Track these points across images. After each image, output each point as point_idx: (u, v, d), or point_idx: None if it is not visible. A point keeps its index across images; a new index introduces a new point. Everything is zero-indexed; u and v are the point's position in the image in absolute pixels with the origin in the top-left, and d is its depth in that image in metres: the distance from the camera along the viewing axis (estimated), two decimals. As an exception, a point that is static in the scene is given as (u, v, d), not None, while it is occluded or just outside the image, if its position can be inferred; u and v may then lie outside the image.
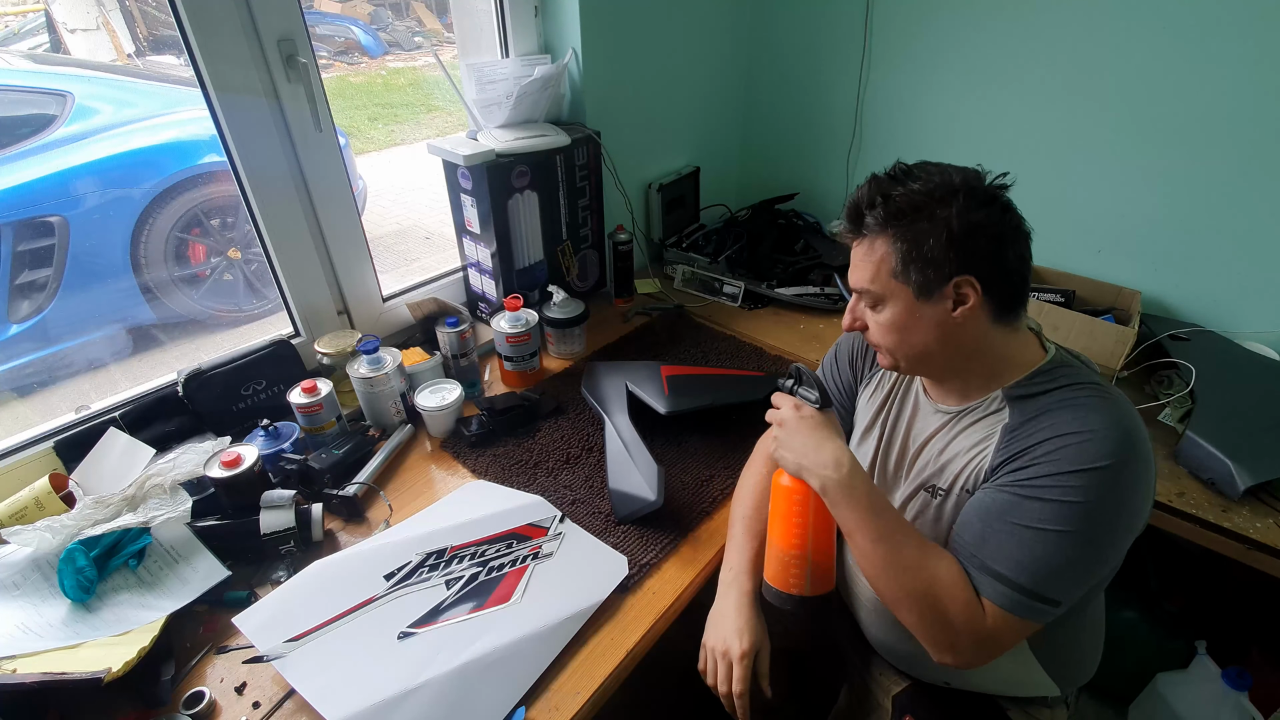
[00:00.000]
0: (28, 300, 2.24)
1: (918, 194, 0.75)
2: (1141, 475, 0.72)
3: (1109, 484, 0.69)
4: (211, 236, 2.62)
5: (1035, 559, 0.71)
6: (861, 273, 0.81)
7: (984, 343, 0.80)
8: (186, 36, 1.05)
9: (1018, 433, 0.76)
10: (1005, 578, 0.72)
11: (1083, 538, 0.70)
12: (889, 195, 0.77)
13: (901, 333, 0.80)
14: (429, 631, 0.86)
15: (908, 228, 0.76)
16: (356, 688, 0.79)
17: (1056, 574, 0.71)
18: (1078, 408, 0.74)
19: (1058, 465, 0.71)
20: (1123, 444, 0.70)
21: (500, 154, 1.36)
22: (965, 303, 0.76)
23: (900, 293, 0.78)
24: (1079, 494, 0.69)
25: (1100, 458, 0.69)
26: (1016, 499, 0.72)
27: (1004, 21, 1.52)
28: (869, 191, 0.79)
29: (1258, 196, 1.35)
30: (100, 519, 0.94)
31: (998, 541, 0.73)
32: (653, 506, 1.03)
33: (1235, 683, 1.27)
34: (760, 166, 2.12)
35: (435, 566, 0.96)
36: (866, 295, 0.82)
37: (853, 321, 0.86)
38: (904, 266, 0.77)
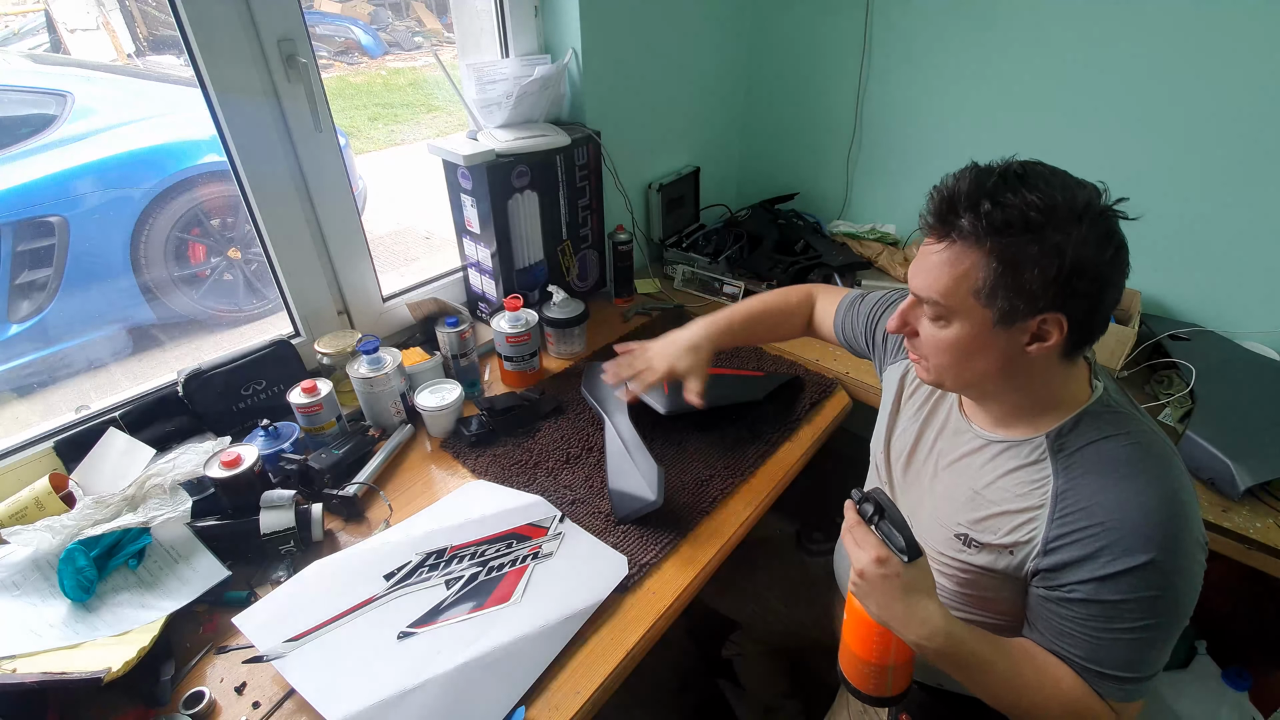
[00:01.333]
0: (28, 300, 2.24)
1: (1035, 207, 0.64)
2: (1194, 528, 0.70)
3: (1178, 558, 0.68)
4: (211, 236, 2.62)
5: (1146, 652, 0.70)
6: (933, 280, 0.70)
7: (1043, 377, 0.74)
8: (186, 36, 1.05)
9: (1068, 503, 0.72)
10: (1128, 679, 0.71)
11: (1174, 615, 0.69)
12: (998, 200, 0.65)
13: (962, 357, 0.72)
14: (429, 631, 0.86)
15: (1011, 246, 0.65)
16: (356, 687, 0.79)
17: (1162, 651, 0.71)
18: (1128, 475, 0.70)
19: (1130, 556, 0.67)
20: (1178, 510, 0.68)
21: (500, 154, 1.36)
22: (1045, 340, 0.69)
23: (976, 315, 0.69)
24: (1158, 583, 0.67)
25: (1164, 539, 0.67)
26: (1109, 606, 0.69)
27: (1004, 21, 1.52)
28: (971, 187, 0.67)
29: (1258, 196, 1.35)
30: (100, 519, 0.94)
31: (1109, 650, 0.70)
32: (653, 506, 1.03)
33: (1235, 683, 1.27)
34: (760, 166, 2.12)
35: (435, 566, 0.96)
36: (932, 306, 0.72)
37: (902, 325, 0.77)
38: (991, 289, 0.67)
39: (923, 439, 0.90)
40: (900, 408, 0.94)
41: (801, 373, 1.42)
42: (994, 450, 0.80)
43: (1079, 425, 0.74)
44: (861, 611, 0.74)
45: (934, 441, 0.89)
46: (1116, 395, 0.79)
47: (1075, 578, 0.71)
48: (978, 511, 0.80)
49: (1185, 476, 0.71)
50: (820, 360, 1.45)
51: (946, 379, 0.77)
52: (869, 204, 1.92)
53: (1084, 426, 0.74)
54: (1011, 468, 0.78)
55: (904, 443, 0.93)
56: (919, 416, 0.92)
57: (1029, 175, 0.67)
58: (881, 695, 0.79)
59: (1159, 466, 0.70)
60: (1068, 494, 0.72)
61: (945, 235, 0.69)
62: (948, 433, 0.87)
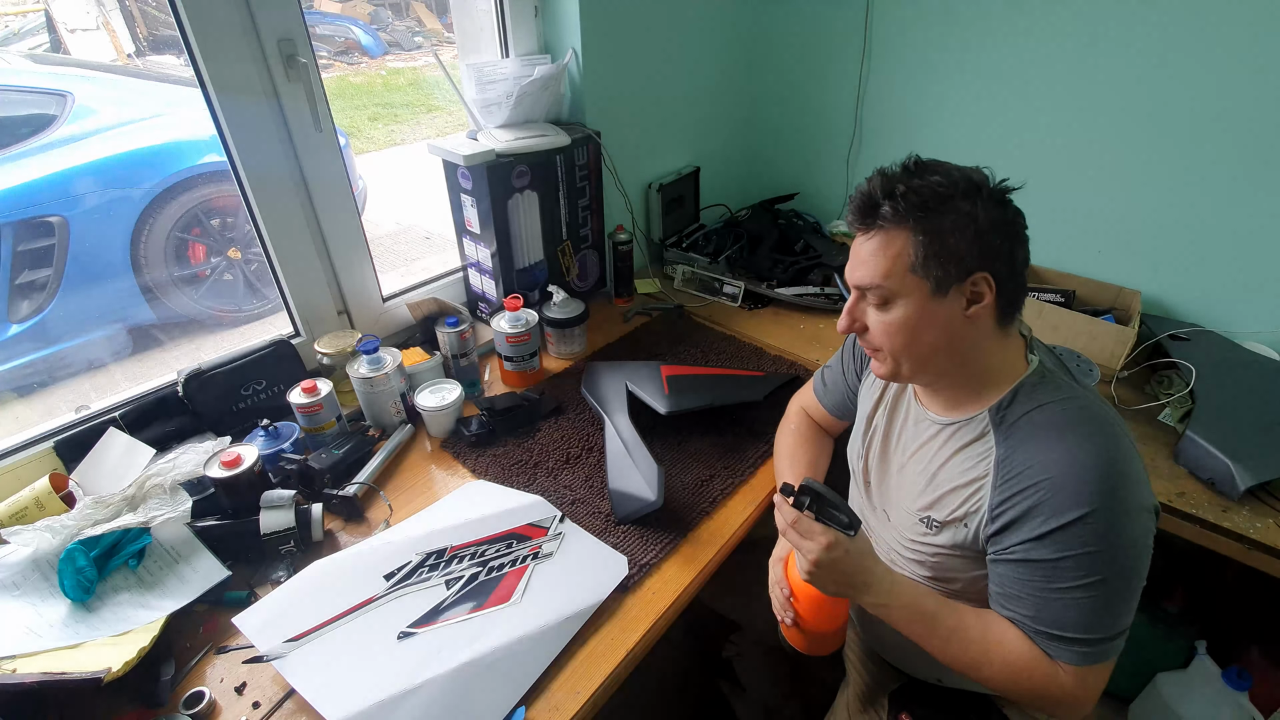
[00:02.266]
0: (28, 300, 2.24)
1: (940, 185, 0.73)
2: (1135, 488, 0.72)
3: (1114, 514, 0.70)
4: (211, 236, 2.62)
5: (1096, 613, 0.72)
6: (872, 268, 0.77)
7: (982, 347, 0.79)
8: (186, 36, 1.05)
9: (1009, 468, 0.76)
10: (1079, 640, 0.73)
11: (1117, 572, 0.71)
12: (909, 186, 0.74)
13: (912, 332, 0.77)
14: (429, 631, 0.86)
15: (930, 220, 0.73)
16: (356, 688, 0.79)
17: (1113, 613, 0.72)
18: (1062, 435, 0.73)
19: (1064, 513, 0.71)
20: (1111, 467, 0.70)
21: (500, 154, 1.36)
22: (980, 300, 0.75)
23: (915, 289, 0.75)
24: (1094, 540, 0.70)
25: (1099, 494, 0.70)
26: (1048, 565, 0.72)
27: (1004, 21, 1.52)
28: (883, 183, 0.76)
29: (1258, 196, 1.35)
30: (100, 519, 0.94)
31: (1055, 611, 0.73)
32: (653, 506, 1.03)
33: (1235, 683, 1.27)
34: (760, 166, 2.12)
35: (435, 566, 0.96)
36: (875, 292, 0.78)
37: (851, 323, 0.82)
38: (923, 261, 0.74)
39: (890, 435, 0.94)
40: (875, 412, 0.97)
41: (801, 373, 1.42)
42: (947, 433, 0.84)
43: (1017, 396, 0.79)
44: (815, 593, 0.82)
45: (899, 435, 0.93)
46: (1051, 365, 0.83)
47: (1015, 539, 0.75)
48: (935, 492, 0.84)
49: (1124, 439, 0.73)
50: (820, 360, 1.45)
51: (903, 364, 0.81)
52: (869, 204, 1.92)
53: (1021, 397, 0.79)
54: (960, 445, 0.82)
55: (877, 443, 0.96)
56: (885, 416, 0.96)
57: (926, 165, 0.77)
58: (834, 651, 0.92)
59: (1093, 426, 0.73)
60: (1007, 460, 0.76)
61: (872, 225, 0.77)
62: (909, 424, 0.91)
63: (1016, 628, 0.77)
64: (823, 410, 1.14)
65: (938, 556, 0.85)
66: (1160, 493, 1.12)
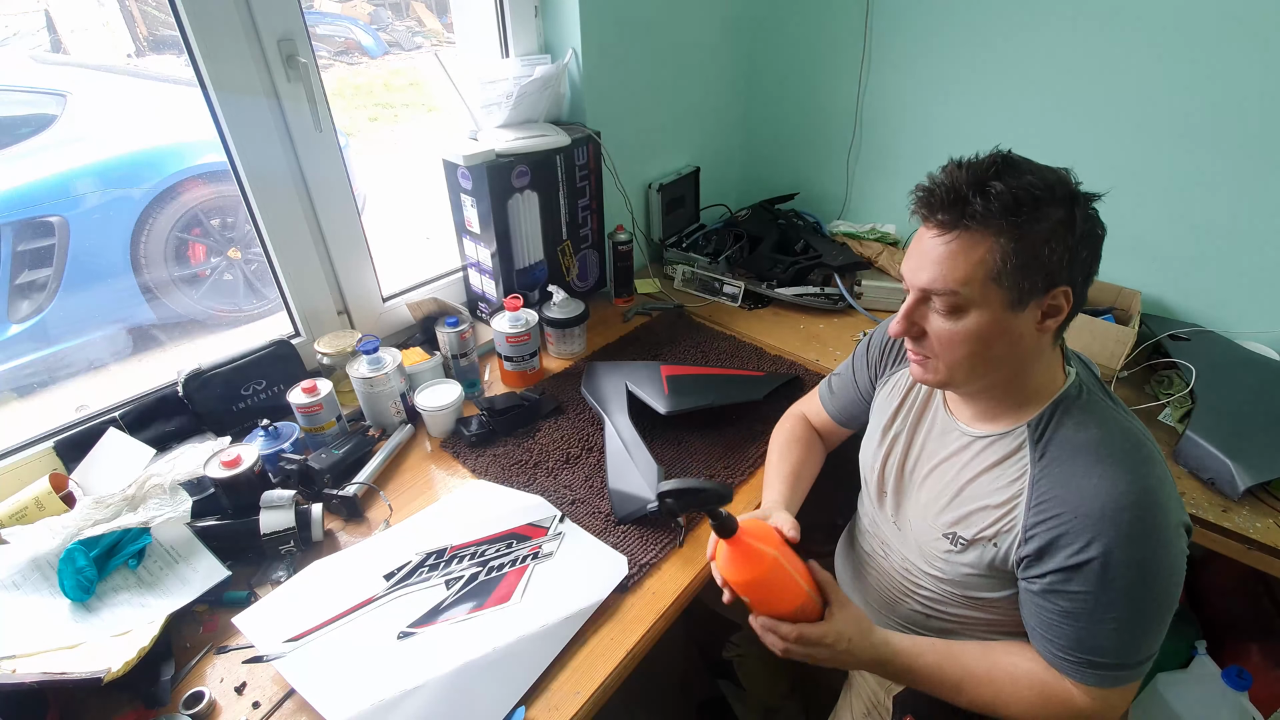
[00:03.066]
0: (28, 300, 2.23)
1: (1036, 186, 0.67)
2: (1167, 515, 0.70)
3: (1144, 546, 0.69)
4: (211, 236, 2.62)
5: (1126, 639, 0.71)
6: (945, 271, 0.69)
7: (1040, 360, 0.76)
8: (186, 36, 1.05)
9: (1043, 491, 0.73)
10: (1105, 664, 0.72)
11: (1150, 601, 0.70)
12: (1004, 185, 0.66)
13: (981, 344, 0.71)
14: (428, 631, 0.86)
15: (1023, 224, 0.66)
16: (356, 688, 0.79)
17: (1146, 638, 0.72)
18: (1100, 460, 0.71)
19: (1099, 545, 0.69)
20: (1146, 496, 0.69)
21: (500, 154, 1.36)
22: (1057, 315, 0.71)
23: (992, 300, 0.69)
24: (1125, 573, 0.69)
25: (1128, 528, 0.68)
26: (1083, 597, 0.71)
27: (1004, 22, 1.52)
28: (968, 176, 0.68)
29: (1258, 196, 1.35)
30: (100, 519, 0.94)
31: (1085, 640, 0.72)
32: (653, 506, 1.03)
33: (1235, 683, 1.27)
34: (760, 166, 2.12)
35: (435, 566, 0.96)
36: (946, 299, 0.71)
37: (908, 328, 0.75)
38: (1009, 270, 0.67)
39: (913, 444, 0.91)
40: (895, 419, 0.94)
41: (801, 373, 1.42)
42: (978, 446, 0.81)
43: (1055, 413, 0.76)
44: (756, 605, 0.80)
45: (923, 444, 0.89)
46: (1090, 382, 0.79)
47: (1048, 567, 0.73)
48: (963, 508, 0.81)
49: (1158, 463, 0.72)
50: (820, 360, 1.45)
51: (959, 374, 0.76)
52: (869, 204, 1.92)
53: (1060, 414, 0.75)
54: (993, 461, 0.79)
55: (898, 452, 0.93)
56: (908, 423, 0.92)
57: (1016, 161, 0.70)
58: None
59: (1129, 453, 0.71)
60: (1042, 481, 0.74)
61: (956, 223, 0.69)
62: (935, 433, 0.88)
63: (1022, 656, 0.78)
64: (826, 417, 1.12)
65: (961, 576, 0.83)
66: (1160, 493, 1.12)
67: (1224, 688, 1.27)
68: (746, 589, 0.78)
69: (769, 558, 0.77)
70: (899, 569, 0.94)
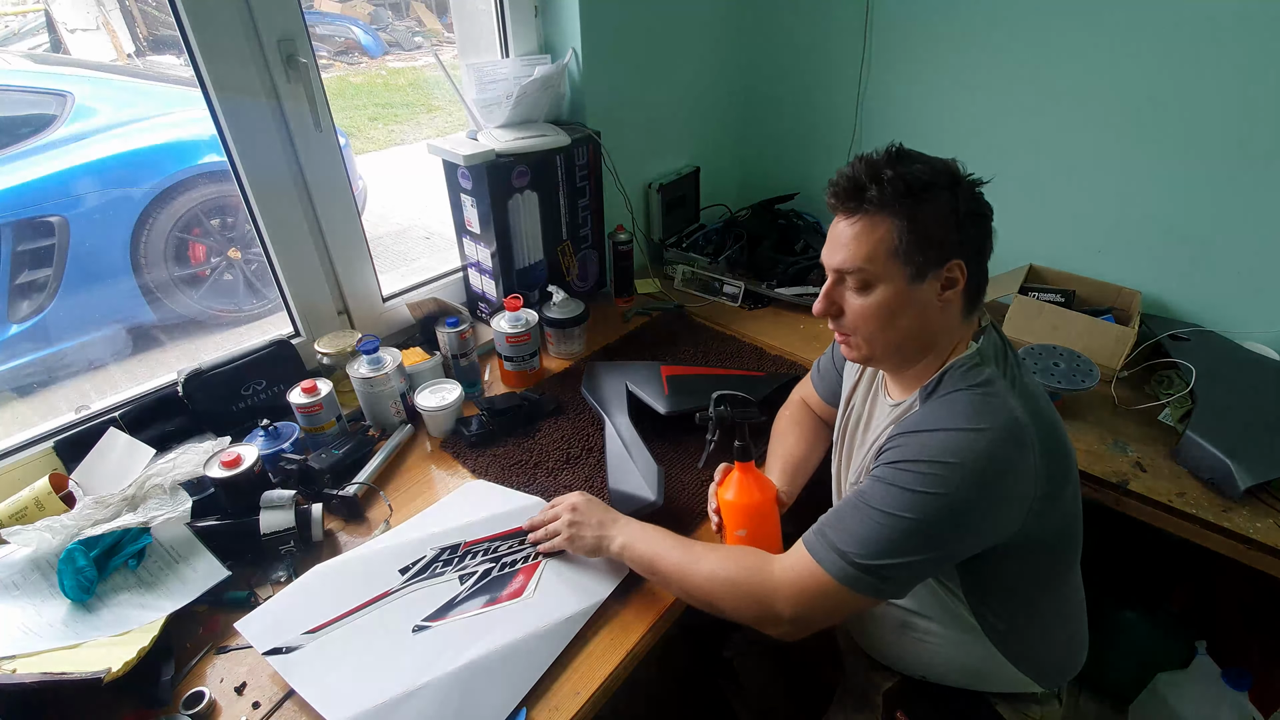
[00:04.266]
0: (28, 300, 2.24)
1: (924, 173, 0.75)
2: (996, 477, 0.73)
3: (950, 480, 0.72)
4: (211, 236, 2.62)
5: (862, 527, 0.76)
6: (853, 251, 0.78)
7: (947, 334, 0.82)
8: (186, 36, 1.05)
9: (898, 429, 0.80)
10: (835, 546, 0.77)
11: (912, 515, 0.73)
12: (895, 173, 0.75)
13: (889, 316, 0.79)
14: (442, 625, 0.87)
15: (914, 204, 0.75)
16: (357, 689, 0.79)
17: (884, 543, 0.74)
18: (953, 405, 0.77)
19: (907, 454, 0.75)
20: (976, 446, 0.72)
21: (500, 154, 1.36)
22: (953, 286, 0.78)
23: (895, 274, 0.77)
24: (919, 483, 0.73)
25: (945, 454, 0.72)
26: (870, 483, 0.78)
27: (1004, 21, 1.51)
28: (866, 168, 0.77)
29: (1258, 196, 1.35)
30: (100, 519, 0.94)
31: (843, 515, 0.79)
32: (653, 506, 1.03)
33: (1235, 683, 1.27)
34: (760, 166, 2.11)
35: (449, 562, 0.97)
36: (856, 276, 0.80)
37: (828, 306, 0.84)
38: (906, 246, 0.75)
39: (862, 417, 0.98)
40: (852, 396, 1.01)
41: (801, 373, 1.42)
42: (894, 414, 0.88)
43: (943, 379, 0.81)
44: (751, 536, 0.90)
45: (867, 417, 0.96)
46: (992, 355, 0.83)
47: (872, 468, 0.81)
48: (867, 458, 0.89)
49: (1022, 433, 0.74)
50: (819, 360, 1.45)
51: (876, 347, 0.83)
52: (869, 204, 1.92)
53: (947, 380, 0.81)
54: (894, 419, 0.87)
55: (851, 423, 1.00)
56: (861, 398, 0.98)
57: (907, 153, 0.79)
58: None
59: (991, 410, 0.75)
60: (905, 420, 0.82)
61: (858, 209, 0.78)
62: (876, 410, 0.95)
63: None
64: (818, 398, 1.16)
65: None
66: (1160, 493, 1.12)
67: (1224, 688, 1.28)
68: (744, 511, 0.90)
69: (770, 494, 0.93)
70: None
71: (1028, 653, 0.90)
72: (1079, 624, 0.96)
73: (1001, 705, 0.94)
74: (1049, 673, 0.93)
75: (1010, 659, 0.89)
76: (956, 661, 0.93)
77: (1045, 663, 0.92)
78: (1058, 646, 0.94)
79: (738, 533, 0.91)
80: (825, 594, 0.77)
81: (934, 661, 0.94)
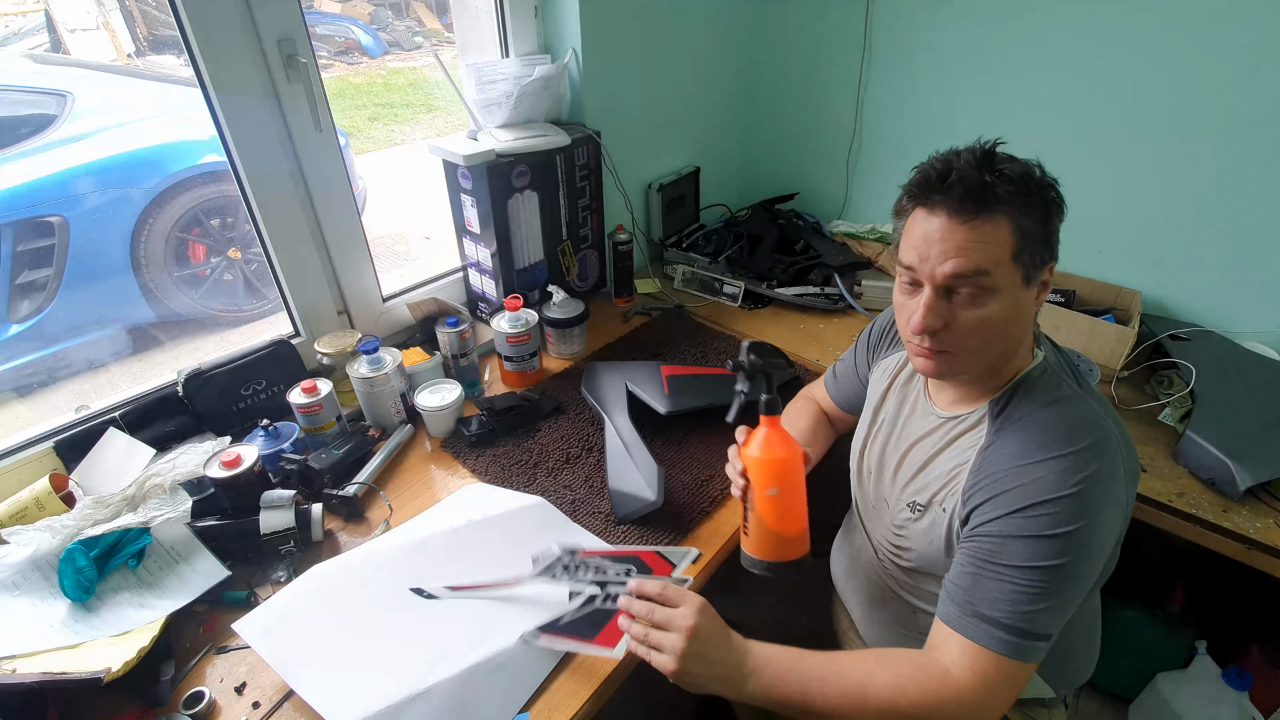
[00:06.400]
0: (28, 300, 2.24)
1: (1029, 170, 0.72)
2: (1108, 492, 0.71)
3: (1078, 511, 0.69)
4: (211, 236, 2.62)
5: (1021, 599, 0.69)
6: (980, 255, 0.70)
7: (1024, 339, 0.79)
8: (186, 36, 1.05)
9: (988, 457, 0.76)
10: (992, 620, 0.70)
11: (1059, 568, 0.69)
12: (1010, 169, 0.70)
13: (1003, 327, 0.73)
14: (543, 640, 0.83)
15: (1029, 205, 0.70)
16: (359, 692, 0.78)
17: (1043, 607, 0.70)
18: (1045, 428, 0.73)
19: (1025, 498, 0.70)
20: (1086, 465, 0.69)
21: (500, 154, 1.36)
22: (1047, 289, 0.76)
23: (1012, 280, 0.71)
24: (1049, 525, 0.69)
25: (1064, 486, 0.69)
26: (996, 540, 0.72)
27: (1004, 22, 1.52)
28: (976, 163, 0.71)
29: (1258, 196, 1.35)
30: (100, 519, 0.94)
31: (982, 587, 0.72)
32: (653, 506, 1.03)
33: (1235, 683, 1.27)
34: (760, 166, 2.12)
35: (569, 569, 0.89)
36: (974, 282, 0.71)
37: (934, 321, 0.73)
38: (1024, 247, 0.70)
39: (897, 424, 0.93)
40: (884, 401, 0.96)
41: (801, 373, 1.42)
42: (948, 427, 0.84)
43: (1017, 392, 0.78)
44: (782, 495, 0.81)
45: (904, 426, 0.92)
46: (1055, 363, 0.81)
47: (976, 521, 0.74)
48: (924, 479, 0.84)
49: (1105, 451, 0.71)
50: (820, 360, 1.45)
51: (976, 361, 0.76)
52: (869, 204, 1.92)
53: (1021, 394, 0.77)
54: (955, 436, 0.82)
55: (882, 433, 0.95)
56: (894, 405, 0.95)
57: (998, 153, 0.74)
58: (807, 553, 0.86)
59: (1076, 439, 0.71)
60: (990, 450, 0.76)
61: (981, 209, 0.70)
62: (915, 416, 0.90)
63: (945, 607, 0.75)
64: (831, 403, 1.15)
65: (921, 545, 0.84)
66: (1160, 493, 1.12)
67: (1224, 688, 1.28)
68: (777, 467, 0.82)
69: (797, 452, 0.83)
70: (879, 560, 0.95)
71: (1051, 656, 0.88)
72: (1097, 630, 0.96)
73: (1010, 711, 0.94)
74: (1066, 678, 0.93)
75: None
76: None
77: (1065, 667, 0.92)
78: (1079, 652, 0.93)
79: (768, 491, 0.82)
80: (1001, 673, 0.70)
81: None
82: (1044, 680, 0.90)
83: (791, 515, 0.83)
